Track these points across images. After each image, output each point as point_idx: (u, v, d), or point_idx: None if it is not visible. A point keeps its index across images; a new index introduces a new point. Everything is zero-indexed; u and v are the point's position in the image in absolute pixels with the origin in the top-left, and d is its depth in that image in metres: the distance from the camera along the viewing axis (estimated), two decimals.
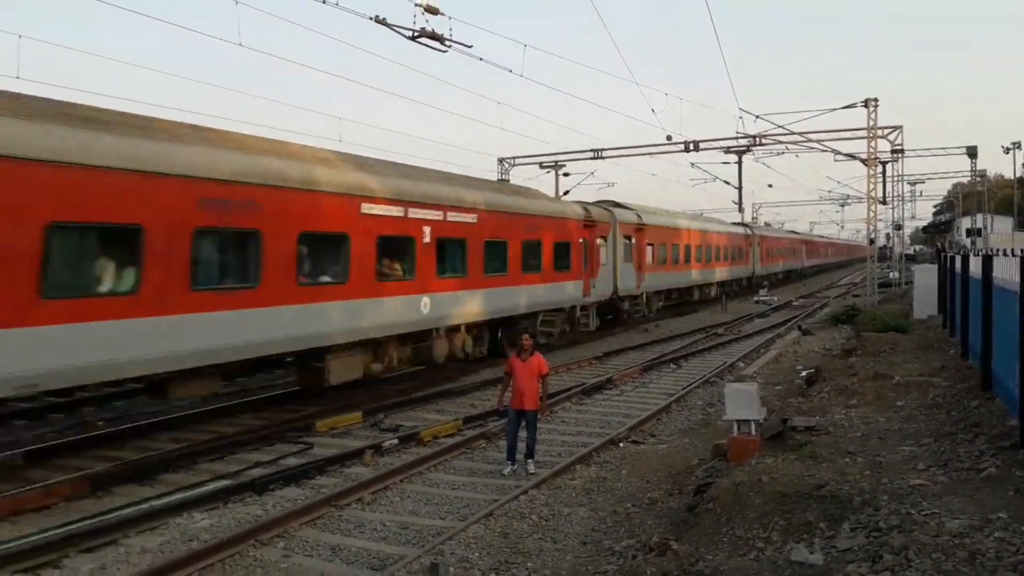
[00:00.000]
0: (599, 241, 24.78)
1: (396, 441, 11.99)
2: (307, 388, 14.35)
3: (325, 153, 14.75)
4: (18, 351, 8.86)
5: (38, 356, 9.06)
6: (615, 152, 38.52)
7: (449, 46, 15.24)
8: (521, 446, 10.90)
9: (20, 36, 17.26)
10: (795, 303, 41.94)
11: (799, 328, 27.23)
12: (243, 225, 11.73)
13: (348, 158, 15.25)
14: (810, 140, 34.01)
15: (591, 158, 38.97)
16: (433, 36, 14.96)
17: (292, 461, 11.00)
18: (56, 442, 11.47)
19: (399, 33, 14.59)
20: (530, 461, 10.85)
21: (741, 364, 20.21)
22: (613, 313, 28.03)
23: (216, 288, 11.39)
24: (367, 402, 14.70)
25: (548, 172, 40.85)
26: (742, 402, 9.63)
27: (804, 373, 16.62)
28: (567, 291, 22.33)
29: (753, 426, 9.65)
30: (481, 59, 20.16)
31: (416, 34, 14.80)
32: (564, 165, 40.80)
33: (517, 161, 40.81)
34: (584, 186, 41.17)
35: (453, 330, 17.29)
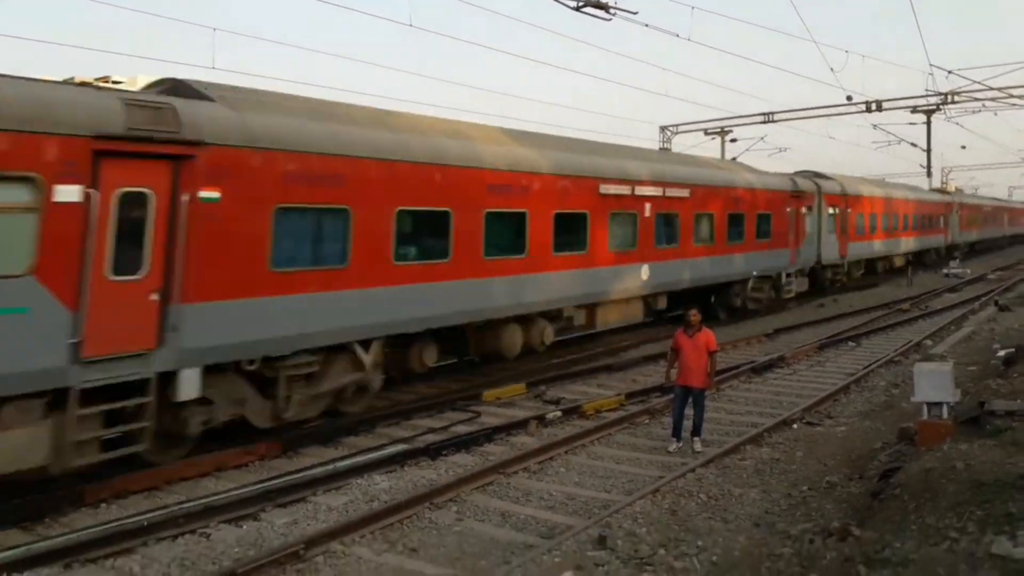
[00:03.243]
0: (804, 211, 25.63)
1: (559, 413, 12.13)
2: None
3: (565, 141, 16.98)
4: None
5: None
6: (788, 115, 36.58)
7: (614, 14, 15.02)
8: (687, 423, 10.71)
9: (215, 29, 18.83)
10: (990, 276, 38.27)
11: (996, 303, 24.82)
12: (516, 208, 14.00)
13: (581, 144, 17.20)
14: (1012, 96, 30.73)
15: (761, 122, 37.26)
16: (598, 5, 14.80)
17: (462, 428, 11.42)
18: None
19: (563, 4, 14.54)
20: (696, 439, 10.64)
21: (929, 343, 18.73)
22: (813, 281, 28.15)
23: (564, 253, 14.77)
24: (529, 375, 14.95)
25: (713, 139, 39.53)
26: (934, 383, 8.94)
27: (1002, 353, 15.15)
28: (774, 259, 23.49)
29: (945, 409, 8.94)
30: (647, 25, 19.53)
31: (581, 4, 14.70)
32: (731, 131, 39.29)
33: (680, 129, 39.76)
34: (753, 151, 39.44)
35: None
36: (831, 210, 28.23)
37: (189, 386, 9.03)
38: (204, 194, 9.14)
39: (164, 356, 8.82)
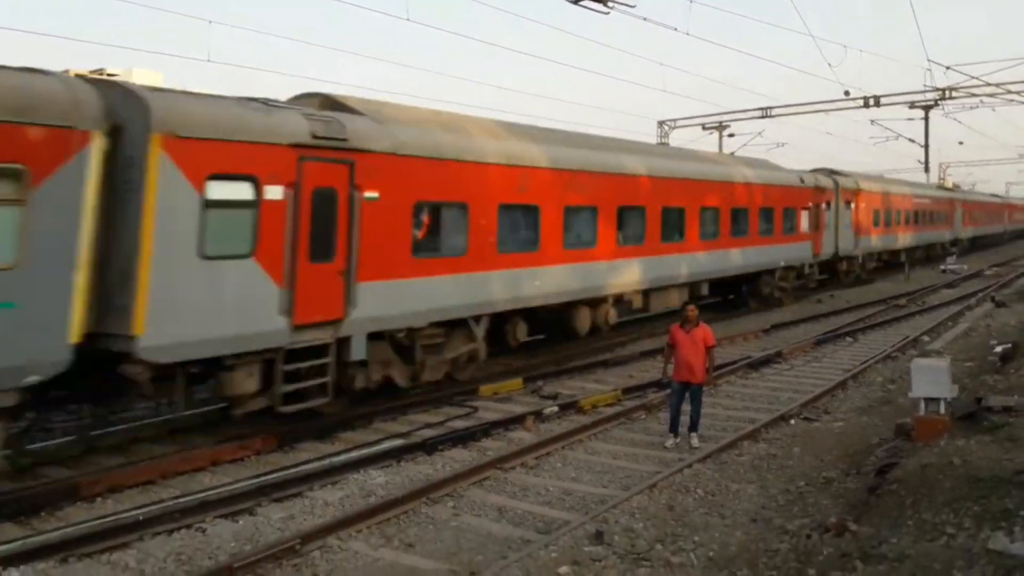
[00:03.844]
0: (823, 206, 27.53)
1: (556, 408, 12.12)
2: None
3: (625, 143, 19.16)
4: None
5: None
6: (786, 110, 36.52)
7: (612, 7, 14.95)
8: (684, 419, 10.70)
9: (210, 22, 18.84)
10: (987, 272, 38.32)
11: (992, 299, 24.85)
12: (589, 204, 15.95)
13: (639, 145, 19.55)
14: (1010, 92, 30.71)
15: (759, 117, 37.16)
16: None
17: (458, 423, 11.41)
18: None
19: None
20: (694, 435, 10.63)
21: (926, 338, 18.74)
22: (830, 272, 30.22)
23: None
24: (526, 370, 14.95)
25: (711, 134, 39.45)
26: (931, 379, 8.94)
27: (999, 349, 15.18)
28: (798, 251, 25.63)
29: (942, 405, 8.94)
30: (645, 19, 19.55)
31: None
32: (728, 126, 39.21)
33: (678, 123, 39.67)
34: (751, 147, 39.51)
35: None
36: (847, 205, 29.89)
37: (359, 350, 11.05)
38: (368, 194, 11.08)
39: (346, 325, 10.81)
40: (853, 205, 30.56)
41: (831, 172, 30.81)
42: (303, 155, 10.08)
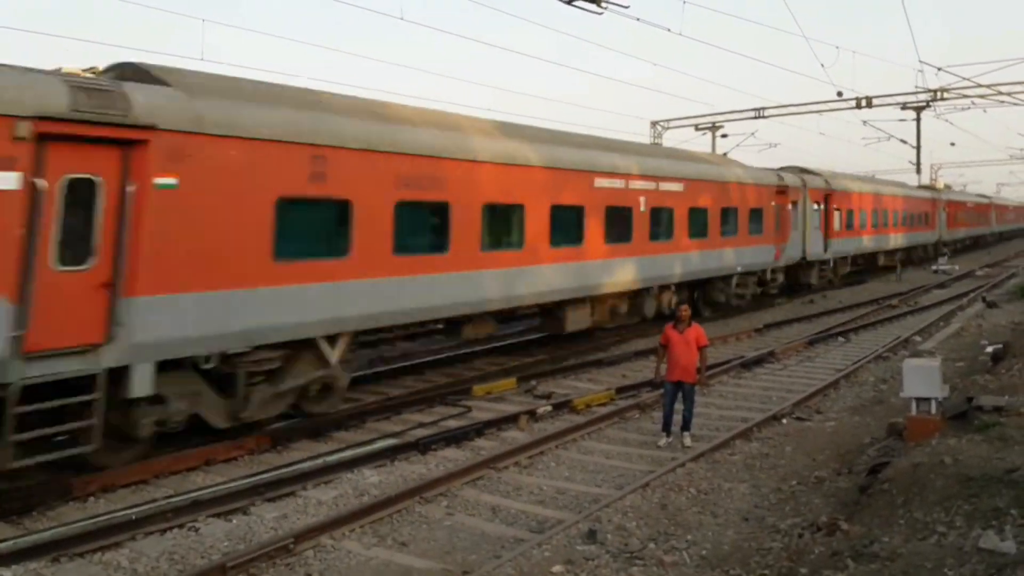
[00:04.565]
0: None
1: (550, 408, 12.13)
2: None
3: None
4: None
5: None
6: (779, 111, 36.63)
7: (605, 8, 14.97)
8: (677, 418, 10.73)
9: (203, 20, 18.80)
10: (979, 272, 38.51)
11: (983, 300, 24.98)
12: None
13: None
14: (1001, 93, 30.86)
15: (752, 118, 37.27)
16: None
17: (452, 423, 11.40)
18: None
19: None
20: (686, 434, 10.66)
21: (918, 338, 18.83)
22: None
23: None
24: (520, 369, 14.96)
25: (704, 134, 39.52)
26: (922, 379, 8.98)
27: (990, 349, 15.26)
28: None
29: (934, 405, 8.98)
30: (638, 19, 19.57)
31: None
32: (722, 127, 39.30)
33: (671, 124, 39.74)
34: (744, 147, 39.74)
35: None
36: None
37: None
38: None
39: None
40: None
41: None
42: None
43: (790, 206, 25.51)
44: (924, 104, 34.53)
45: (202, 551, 7.21)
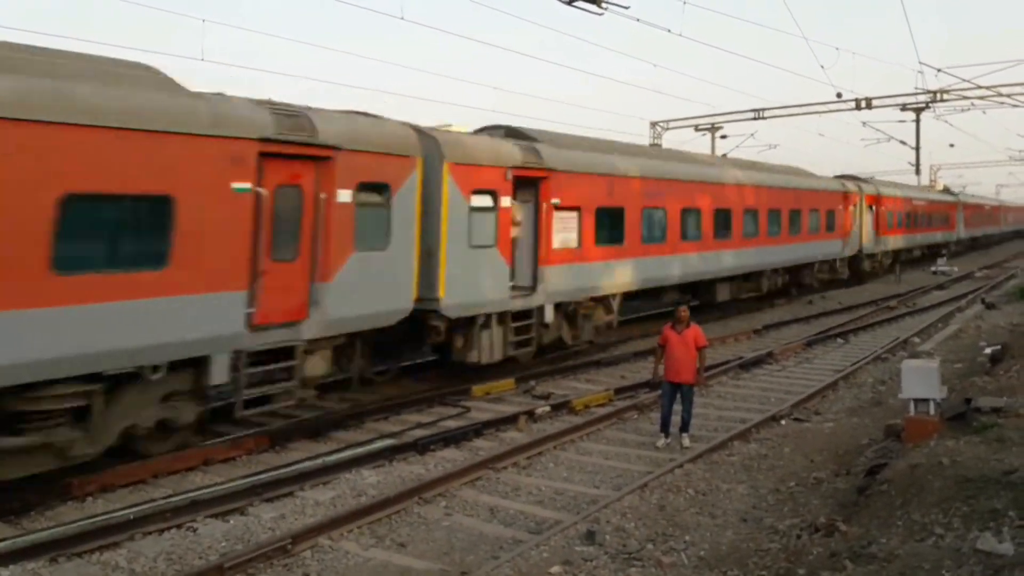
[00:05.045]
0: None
1: (548, 409, 12.13)
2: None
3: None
4: None
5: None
6: (778, 112, 36.65)
7: (605, 8, 14.96)
8: (675, 419, 10.73)
9: (204, 20, 18.79)
10: (977, 274, 38.53)
11: (982, 301, 24.99)
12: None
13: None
14: (1000, 94, 30.89)
15: (751, 119, 37.32)
16: None
17: (451, 424, 11.40)
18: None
19: None
20: (685, 435, 10.66)
21: (916, 339, 18.84)
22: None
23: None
24: (519, 370, 14.94)
25: (703, 135, 39.56)
26: (920, 380, 8.97)
27: (989, 350, 15.26)
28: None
29: (932, 406, 8.97)
30: (638, 20, 19.48)
31: None
32: (721, 127, 39.33)
33: (671, 124, 39.76)
34: (743, 148, 39.63)
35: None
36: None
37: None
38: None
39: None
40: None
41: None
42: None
43: (852, 208, 31.02)
44: (924, 105, 34.61)
45: (200, 551, 7.21)
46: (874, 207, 33.97)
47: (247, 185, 9.45)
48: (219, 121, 9.19)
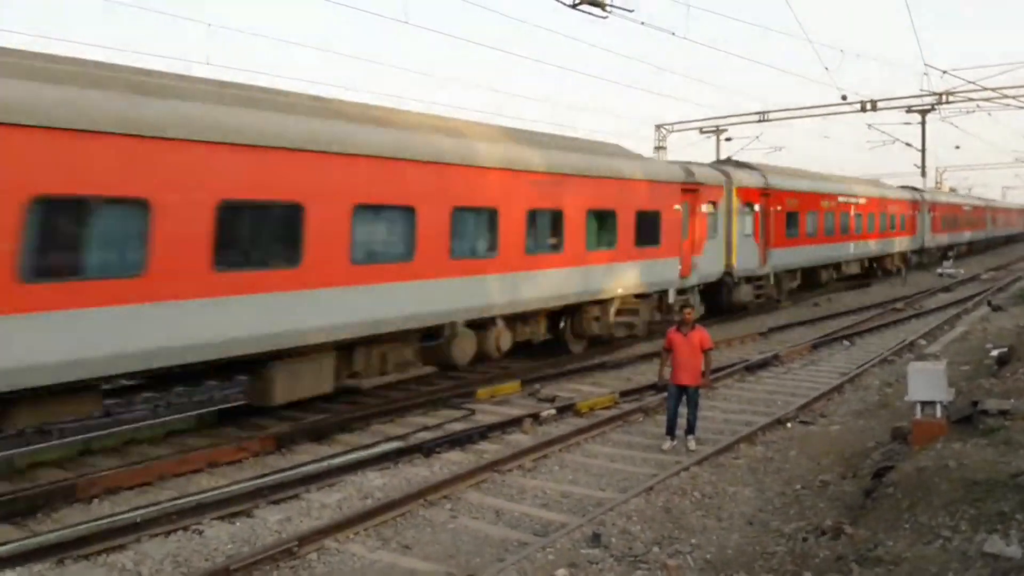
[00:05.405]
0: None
1: (554, 411, 12.12)
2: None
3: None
4: None
5: None
6: (782, 114, 36.64)
7: (610, 12, 15.00)
8: (681, 422, 10.71)
9: (210, 25, 18.80)
10: (984, 276, 38.41)
11: (989, 304, 24.92)
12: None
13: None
14: (1006, 96, 30.83)
15: (756, 121, 37.34)
16: (594, 3, 14.77)
17: (456, 426, 11.40)
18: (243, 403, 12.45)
19: (560, 1, 14.53)
20: (690, 437, 10.64)
21: (923, 342, 18.79)
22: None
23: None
24: (524, 372, 14.95)
25: (708, 138, 39.56)
26: (927, 382, 8.95)
27: (995, 353, 15.20)
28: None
29: (939, 408, 8.95)
30: (643, 23, 19.52)
31: (577, 2, 14.67)
32: (726, 130, 39.34)
33: (676, 127, 39.78)
34: (748, 151, 39.59)
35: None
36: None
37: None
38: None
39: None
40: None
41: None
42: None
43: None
44: (929, 107, 34.56)
45: (206, 554, 7.22)
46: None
47: (679, 205, 18.94)
48: (673, 175, 19.26)
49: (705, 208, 20.56)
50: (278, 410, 11.26)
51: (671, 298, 18.76)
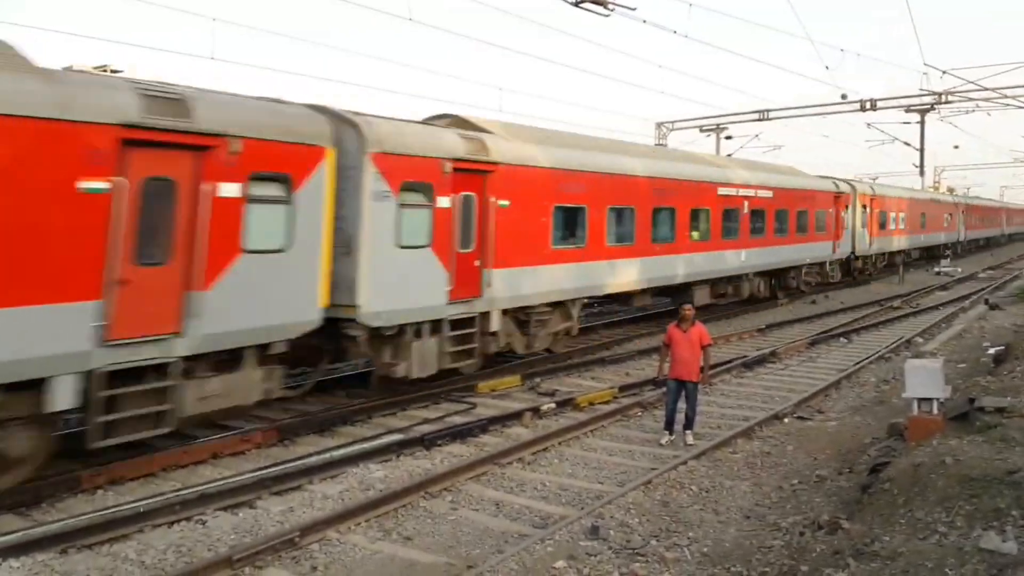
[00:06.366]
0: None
1: (553, 405, 12.19)
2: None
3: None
4: None
5: None
6: (783, 112, 36.66)
7: (612, 10, 15.02)
8: (679, 417, 10.79)
9: (214, 19, 18.65)
10: (981, 275, 38.49)
11: (986, 302, 24.99)
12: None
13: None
14: (1006, 96, 30.86)
15: (756, 120, 37.35)
16: (596, 1, 14.79)
17: (457, 419, 11.47)
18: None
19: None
20: (688, 432, 10.72)
21: (920, 339, 18.87)
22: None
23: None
24: (524, 367, 15.01)
25: (708, 136, 39.59)
26: (924, 379, 9.02)
27: (992, 350, 15.29)
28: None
29: (935, 405, 9.02)
30: (644, 21, 19.50)
31: (579, 0, 14.69)
32: (726, 128, 39.35)
33: (676, 125, 39.79)
34: (748, 149, 39.62)
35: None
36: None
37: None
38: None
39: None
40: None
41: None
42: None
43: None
44: (928, 107, 34.58)
45: (209, 544, 7.28)
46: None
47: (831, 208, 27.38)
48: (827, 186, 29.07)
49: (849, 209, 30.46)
50: (279, 402, 11.28)
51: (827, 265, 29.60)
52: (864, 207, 32.80)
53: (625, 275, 17.08)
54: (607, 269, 16.41)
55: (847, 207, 30.69)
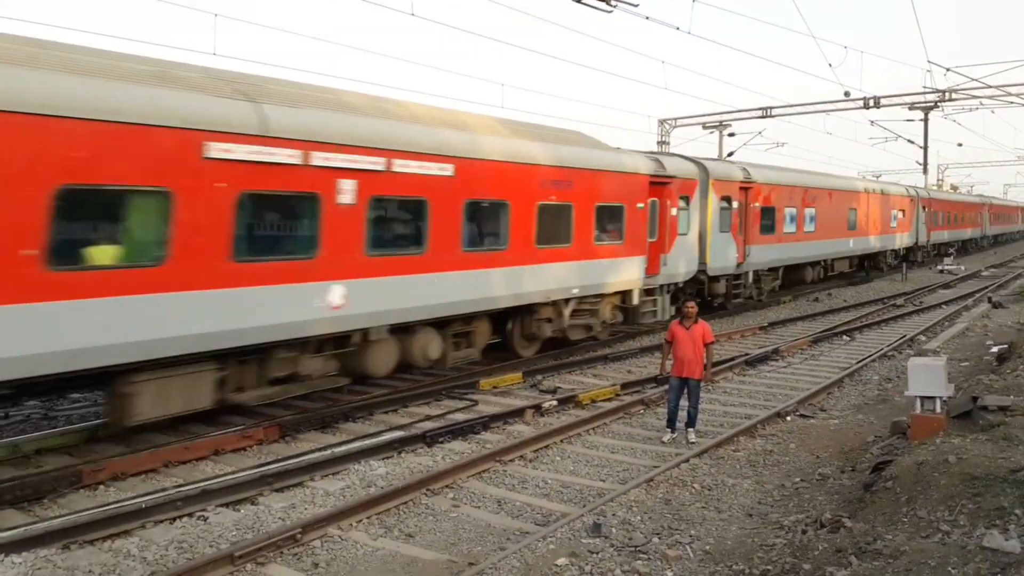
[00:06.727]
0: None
1: (555, 402, 12.18)
2: None
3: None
4: None
5: None
6: (786, 110, 36.58)
7: (615, 6, 14.98)
8: (682, 414, 10.77)
9: (216, 15, 18.72)
10: (984, 273, 38.43)
11: (989, 300, 24.96)
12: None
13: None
14: (1009, 94, 30.77)
15: (759, 117, 37.27)
16: None
17: (459, 416, 11.46)
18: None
19: None
20: (691, 430, 10.70)
21: (923, 338, 18.84)
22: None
23: None
24: (526, 364, 15.00)
25: (712, 133, 39.51)
26: (927, 378, 9.00)
27: (995, 349, 15.29)
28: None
29: (938, 403, 9.00)
30: (647, 17, 19.45)
31: None
32: (729, 125, 39.28)
33: (679, 122, 39.73)
34: (751, 146, 39.63)
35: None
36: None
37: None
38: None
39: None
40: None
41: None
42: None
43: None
44: (932, 104, 34.47)
45: (211, 540, 7.27)
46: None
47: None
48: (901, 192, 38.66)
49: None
50: (279, 401, 11.27)
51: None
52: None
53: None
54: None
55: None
